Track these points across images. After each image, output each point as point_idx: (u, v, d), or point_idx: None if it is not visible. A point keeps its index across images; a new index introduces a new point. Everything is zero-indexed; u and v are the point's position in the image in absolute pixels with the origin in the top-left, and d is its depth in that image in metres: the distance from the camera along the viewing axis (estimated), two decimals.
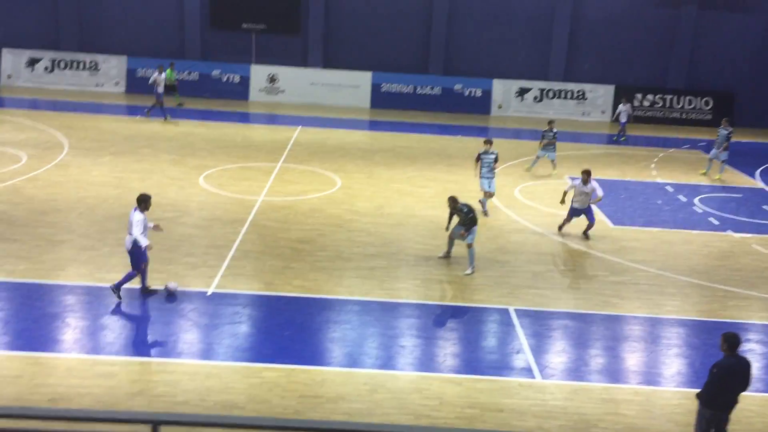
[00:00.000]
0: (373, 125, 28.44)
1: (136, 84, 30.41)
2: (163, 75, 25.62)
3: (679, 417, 9.61)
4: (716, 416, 8.21)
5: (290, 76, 31.21)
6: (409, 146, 24.59)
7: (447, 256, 14.46)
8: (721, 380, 8.10)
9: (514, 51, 31.60)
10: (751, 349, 11.62)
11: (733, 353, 8.15)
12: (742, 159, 24.87)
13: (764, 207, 19.53)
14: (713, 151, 22.37)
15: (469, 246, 13.81)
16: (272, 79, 31.20)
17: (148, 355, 10.60)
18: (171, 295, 12.07)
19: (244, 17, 31.08)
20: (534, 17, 31.15)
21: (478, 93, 31.45)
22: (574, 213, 16.12)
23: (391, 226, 16.46)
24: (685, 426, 9.31)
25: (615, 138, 27.39)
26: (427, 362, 10.69)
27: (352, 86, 31.37)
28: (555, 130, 21.41)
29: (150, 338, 11.10)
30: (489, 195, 17.55)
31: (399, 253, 14.83)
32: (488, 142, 17.61)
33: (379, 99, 31.32)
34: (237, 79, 31.08)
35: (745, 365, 8.19)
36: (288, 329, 11.34)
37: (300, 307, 12.13)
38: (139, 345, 10.89)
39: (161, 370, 10.05)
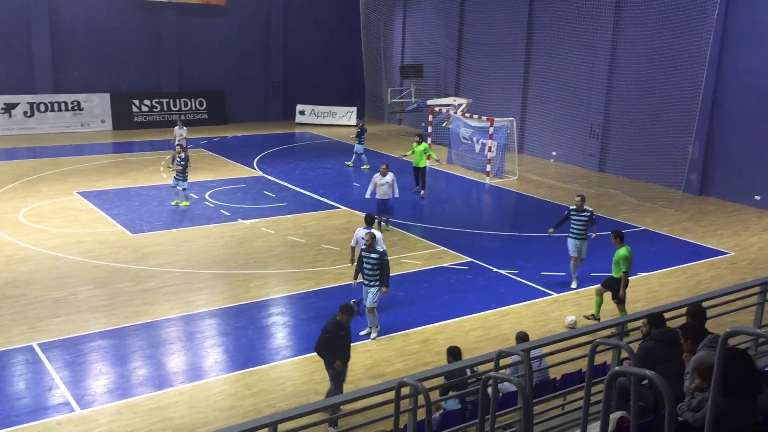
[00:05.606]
0: None
1: None
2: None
3: (223, 403, 10.09)
4: (329, 373, 9.83)
5: None
6: None
7: None
8: (327, 342, 9.67)
9: None
10: (274, 322, 12.84)
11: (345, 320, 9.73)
12: (239, 152, 27.03)
13: (265, 192, 21.60)
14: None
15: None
16: None
17: None
18: None
19: None
20: (7, 27, 28.45)
21: None
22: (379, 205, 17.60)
23: None
24: (229, 410, 9.84)
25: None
26: None
27: None
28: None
29: None
30: None
31: None
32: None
33: None
34: None
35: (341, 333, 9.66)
36: None
37: None
38: None
39: None
